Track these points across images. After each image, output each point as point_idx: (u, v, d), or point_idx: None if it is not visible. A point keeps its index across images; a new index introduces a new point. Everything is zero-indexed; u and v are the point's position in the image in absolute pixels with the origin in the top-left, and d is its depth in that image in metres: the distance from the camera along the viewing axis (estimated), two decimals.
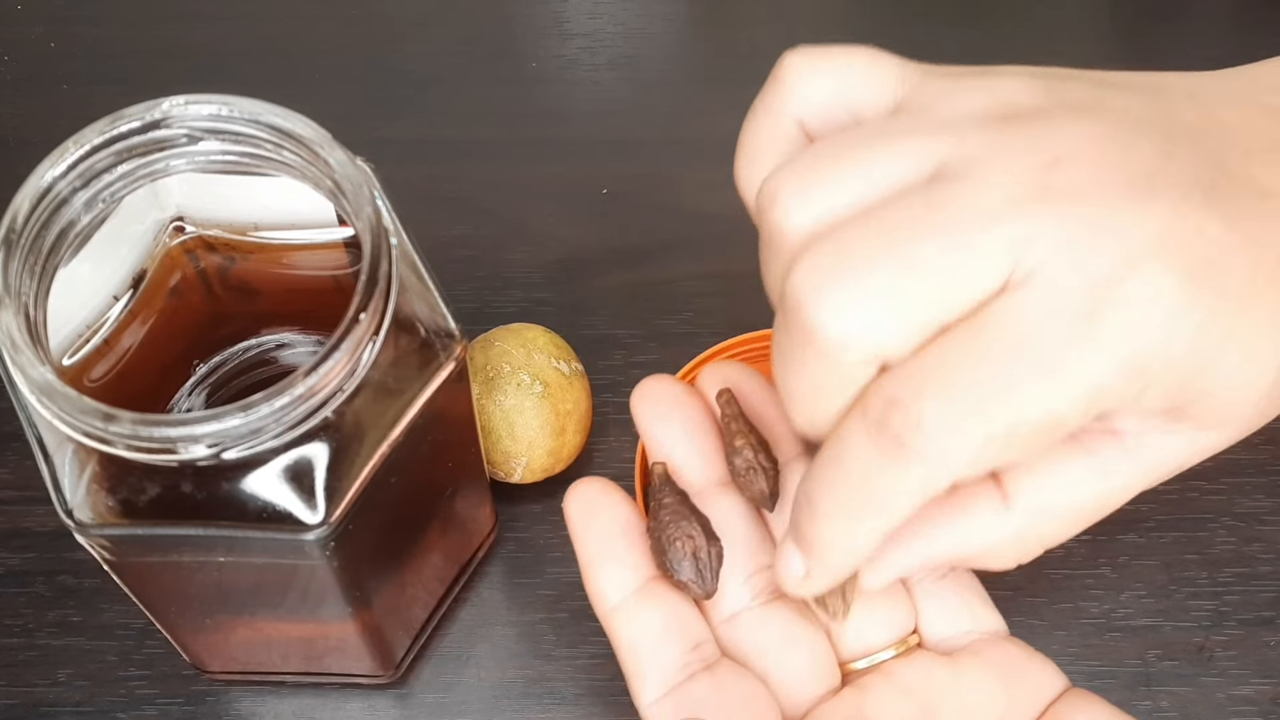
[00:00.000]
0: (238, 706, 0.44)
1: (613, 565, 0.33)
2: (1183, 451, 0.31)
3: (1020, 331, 0.27)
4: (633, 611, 0.32)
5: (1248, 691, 0.44)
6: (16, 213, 0.32)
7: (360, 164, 0.34)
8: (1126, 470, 0.31)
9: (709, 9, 0.62)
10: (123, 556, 0.35)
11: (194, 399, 0.41)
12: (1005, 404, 0.27)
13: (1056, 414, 0.27)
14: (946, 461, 0.28)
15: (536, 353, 0.45)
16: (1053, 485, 0.31)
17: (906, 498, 0.29)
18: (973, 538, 0.32)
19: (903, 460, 0.28)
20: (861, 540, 0.30)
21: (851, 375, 0.28)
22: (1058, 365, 0.27)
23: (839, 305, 0.27)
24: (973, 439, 0.27)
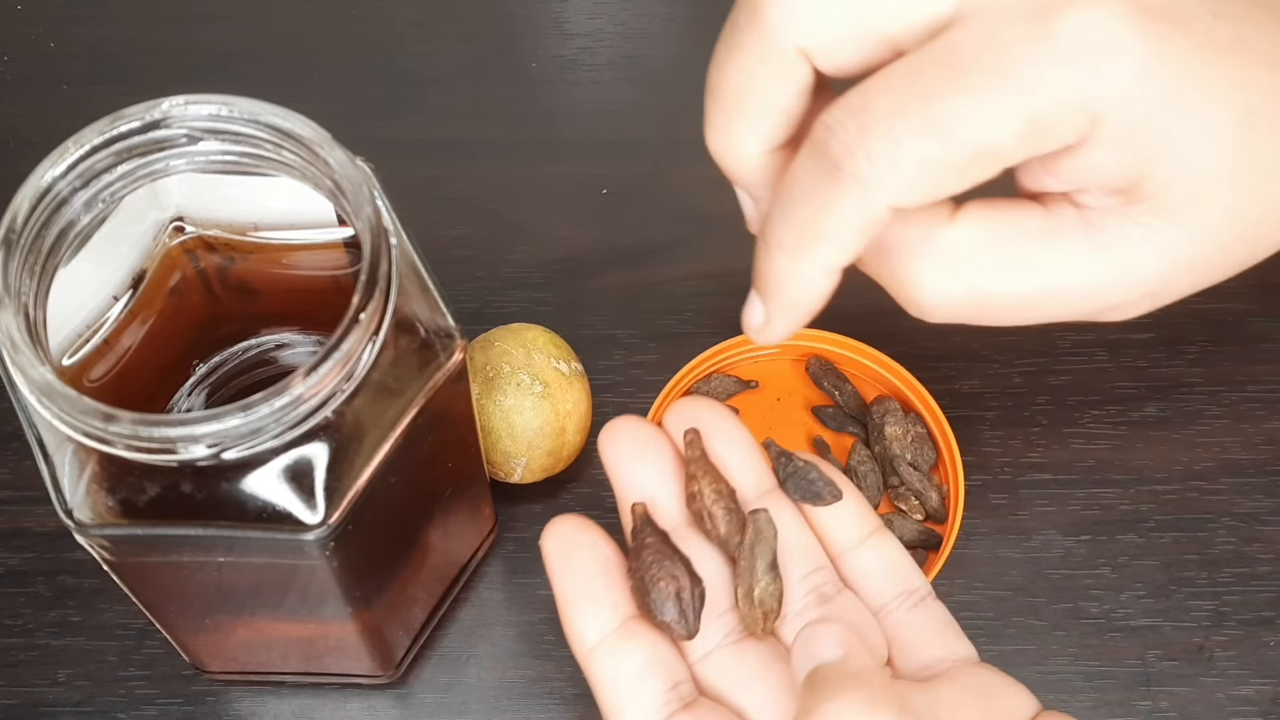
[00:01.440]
0: (237, 707, 0.44)
1: (591, 605, 0.32)
2: (1150, 248, 0.30)
3: (961, 56, 0.28)
4: (612, 651, 0.32)
5: (1247, 691, 0.44)
6: (16, 213, 0.31)
7: (360, 164, 0.34)
8: (1084, 248, 0.30)
9: (709, 9, 0.61)
10: (122, 556, 0.35)
11: (194, 399, 0.41)
12: (939, 125, 0.28)
13: (992, 138, 0.28)
14: (881, 184, 0.28)
15: (536, 353, 0.45)
16: (1002, 221, 0.31)
17: (847, 224, 0.29)
18: (907, 227, 0.31)
19: (840, 184, 0.28)
20: (810, 273, 0.30)
21: (781, 66, 0.29)
22: (994, 86, 0.28)
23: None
24: (907, 161, 0.28)
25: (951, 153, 0.28)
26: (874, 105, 0.28)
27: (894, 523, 0.45)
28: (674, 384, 0.46)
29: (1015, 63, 0.28)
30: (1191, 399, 0.49)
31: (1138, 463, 0.48)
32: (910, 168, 0.28)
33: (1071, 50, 0.28)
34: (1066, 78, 0.28)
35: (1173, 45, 0.28)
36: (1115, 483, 0.48)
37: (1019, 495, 0.47)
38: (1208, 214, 0.30)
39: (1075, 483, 0.48)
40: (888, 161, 0.28)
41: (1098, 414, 0.49)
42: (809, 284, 0.31)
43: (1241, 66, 0.29)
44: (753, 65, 0.30)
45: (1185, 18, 0.28)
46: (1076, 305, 0.31)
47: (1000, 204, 0.31)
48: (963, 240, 0.31)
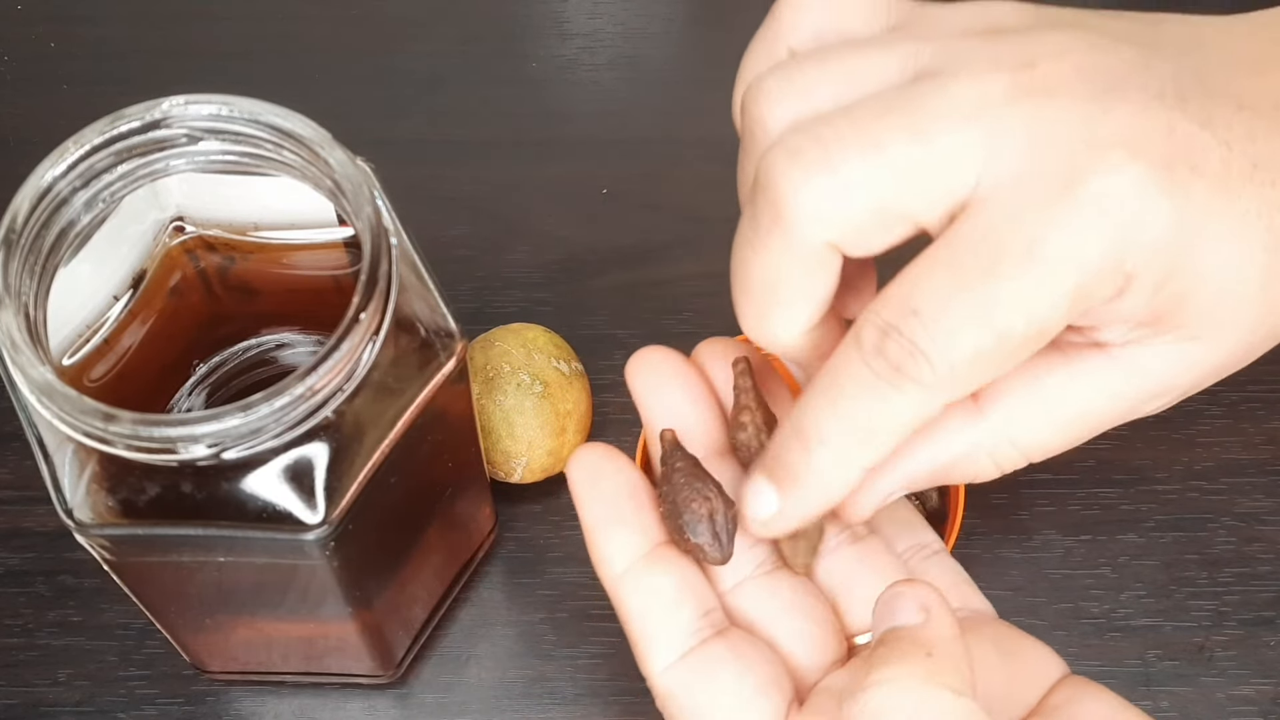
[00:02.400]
0: (238, 706, 0.44)
1: (619, 529, 0.32)
2: (1172, 363, 0.30)
3: (996, 242, 0.28)
4: (641, 577, 0.31)
5: (1248, 691, 0.44)
6: (17, 212, 0.31)
7: (360, 164, 0.34)
8: (1112, 380, 0.31)
9: (709, 9, 0.62)
10: (123, 556, 0.35)
11: (194, 399, 0.41)
12: (989, 318, 0.28)
13: (1041, 319, 0.28)
14: (942, 385, 0.28)
15: (536, 353, 0.44)
16: (1028, 393, 0.31)
17: (903, 425, 0.29)
18: (945, 448, 0.31)
19: (901, 388, 0.28)
20: (852, 473, 0.30)
21: (811, 261, 0.29)
22: (1035, 264, 0.27)
23: (806, 181, 0.28)
24: (966, 358, 0.28)
25: (1006, 342, 0.28)
26: (923, 309, 0.28)
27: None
28: None
29: (1049, 241, 0.28)
30: (1192, 398, 0.49)
31: (1138, 462, 0.48)
32: (969, 365, 0.28)
33: (1100, 220, 0.28)
34: (1100, 247, 0.28)
35: (1196, 192, 0.28)
36: (1115, 482, 0.48)
37: (1019, 495, 0.47)
38: (1234, 331, 0.30)
39: (1075, 482, 0.48)
40: (947, 362, 0.28)
41: None
42: (843, 482, 0.30)
43: (1260, 189, 0.29)
44: (782, 263, 0.29)
45: (1202, 159, 0.28)
46: (1117, 421, 0.32)
47: (1017, 374, 0.31)
48: (999, 429, 0.32)
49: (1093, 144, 0.28)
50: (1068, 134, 0.28)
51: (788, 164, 0.28)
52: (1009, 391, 0.31)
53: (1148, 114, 0.28)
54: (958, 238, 0.28)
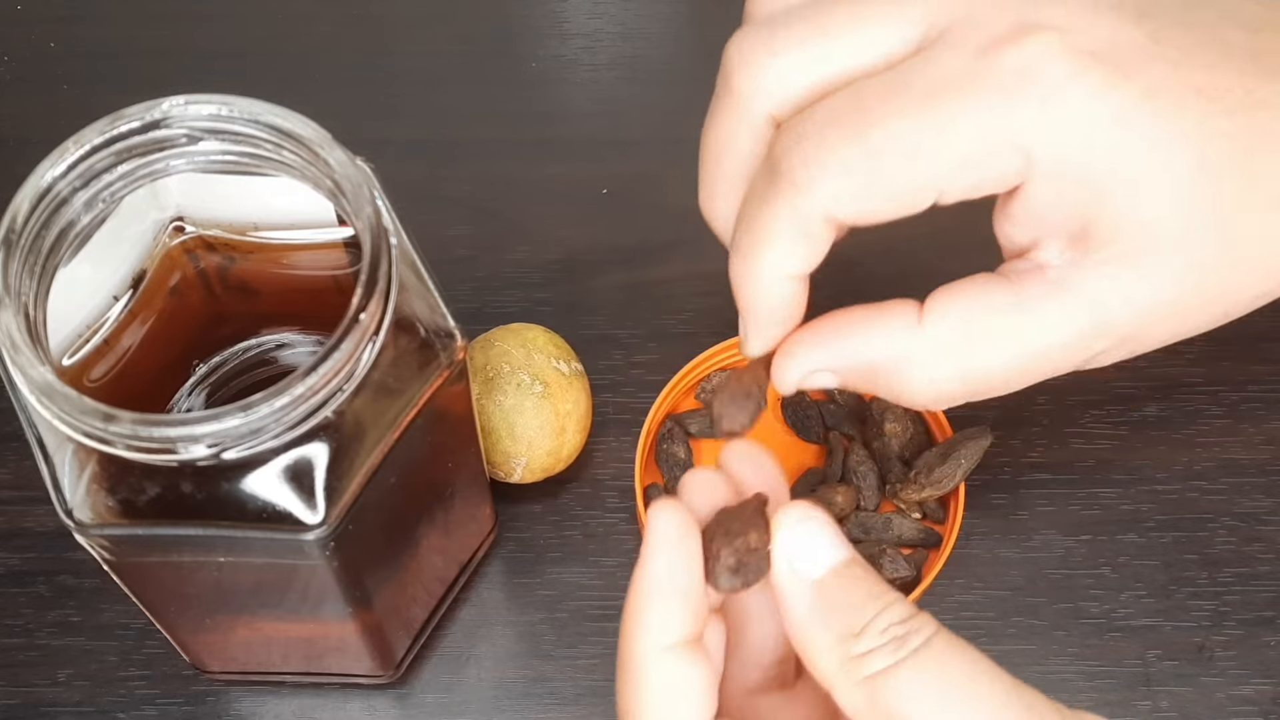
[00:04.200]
0: (238, 707, 0.44)
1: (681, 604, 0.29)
2: (1109, 293, 0.30)
3: (905, 80, 0.29)
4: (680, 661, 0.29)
5: (1247, 691, 0.44)
6: (16, 213, 0.31)
7: (360, 164, 0.34)
8: (1052, 309, 0.31)
9: (709, 9, 0.62)
10: (122, 556, 0.35)
11: (194, 399, 0.41)
12: (867, 137, 0.29)
13: (920, 161, 0.29)
14: (811, 187, 0.30)
15: (536, 353, 0.45)
16: (969, 307, 0.31)
17: (786, 226, 0.30)
18: (879, 344, 0.32)
19: (778, 187, 0.30)
20: (765, 278, 0.31)
21: (755, 130, 0.32)
22: (926, 110, 0.29)
23: (750, 50, 0.31)
24: (835, 167, 0.29)
25: (879, 167, 0.29)
26: (816, 115, 0.30)
27: (894, 521, 0.45)
28: (675, 383, 0.46)
29: (950, 90, 0.29)
30: (1192, 399, 0.49)
31: (1138, 462, 0.48)
32: (837, 174, 0.29)
33: (1007, 85, 0.29)
34: (1000, 113, 0.29)
35: (1117, 90, 0.29)
36: (1115, 482, 0.48)
37: (1019, 495, 0.47)
38: (1169, 261, 0.30)
39: (1075, 482, 0.48)
40: (818, 165, 0.29)
41: (1098, 414, 0.49)
42: (766, 290, 0.31)
43: (1200, 116, 0.29)
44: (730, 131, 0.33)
45: (1138, 65, 0.29)
46: (1061, 362, 0.32)
47: (961, 288, 0.32)
48: (938, 338, 0.31)
49: (1025, 22, 0.29)
50: (1004, 12, 0.29)
51: (736, 41, 0.32)
52: (951, 306, 0.31)
53: (1094, 14, 0.29)
54: (879, 76, 0.30)
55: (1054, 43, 0.28)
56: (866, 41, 0.30)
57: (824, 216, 0.30)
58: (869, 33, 0.30)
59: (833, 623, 0.28)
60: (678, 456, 0.46)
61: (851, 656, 0.27)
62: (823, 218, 0.30)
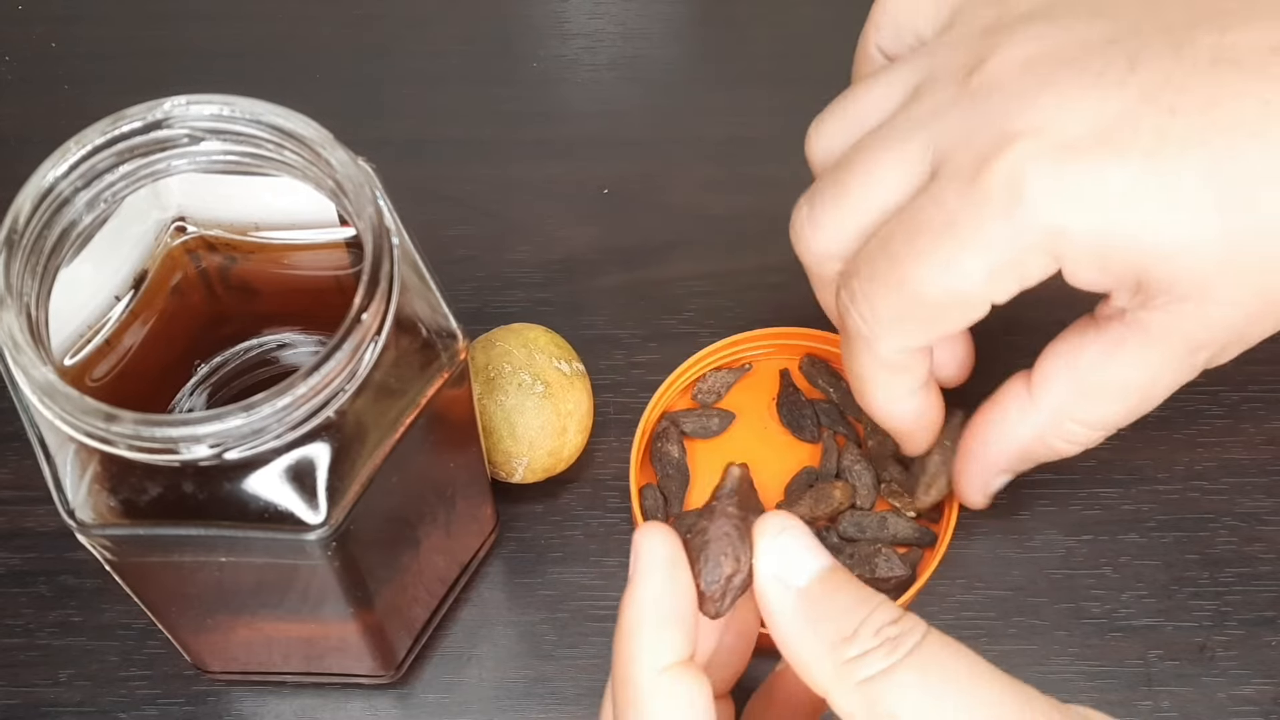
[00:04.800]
0: (239, 707, 0.44)
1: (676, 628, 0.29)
2: (1181, 323, 0.32)
3: (918, 220, 0.32)
4: (683, 680, 0.29)
5: (1249, 691, 0.44)
6: (18, 213, 0.31)
7: (362, 164, 0.34)
8: (1138, 347, 0.33)
9: (709, 9, 0.62)
10: (124, 557, 0.35)
11: (195, 399, 0.41)
12: (903, 286, 0.33)
13: (955, 290, 0.32)
14: (875, 338, 0.34)
15: (538, 353, 0.44)
16: (1064, 369, 0.35)
17: (877, 370, 0.36)
18: (1012, 439, 0.36)
19: (852, 343, 0.36)
20: (875, 403, 0.37)
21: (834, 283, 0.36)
22: (946, 240, 0.32)
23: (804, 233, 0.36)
24: (885, 319, 0.34)
25: (924, 306, 0.33)
26: (858, 275, 0.34)
27: (889, 520, 0.45)
28: (670, 383, 0.46)
29: (957, 221, 0.31)
30: (1192, 398, 0.49)
31: (1139, 462, 0.48)
32: (893, 323, 0.34)
33: (1003, 206, 0.31)
34: (1007, 231, 0.31)
35: (1113, 166, 0.30)
36: (1116, 482, 0.48)
37: (1020, 495, 0.47)
38: (1225, 291, 0.31)
39: (1076, 482, 0.48)
40: (874, 322, 0.34)
41: None
42: (901, 413, 0.38)
43: (1217, 149, 0.29)
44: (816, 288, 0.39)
45: (1125, 135, 0.30)
46: (1172, 387, 0.35)
47: (1057, 351, 0.35)
48: (1054, 408, 0.35)
49: (1005, 134, 0.31)
50: (990, 123, 0.31)
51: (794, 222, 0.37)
52: (1053, 376, 0.35)
53: (1076, 99, 0.31)
54: (896, 219, 0.33)
55: (1033, 149, 0.30)
56: (886, 189, 0.34)
57: (900, 352, 0.35)
58: (885, 180, 0.34)
59: (823, 629, 0.28)
60: (671, 456, 0.46)
61: (846, 661, 0.27)
62: (899, 353, 0.35)
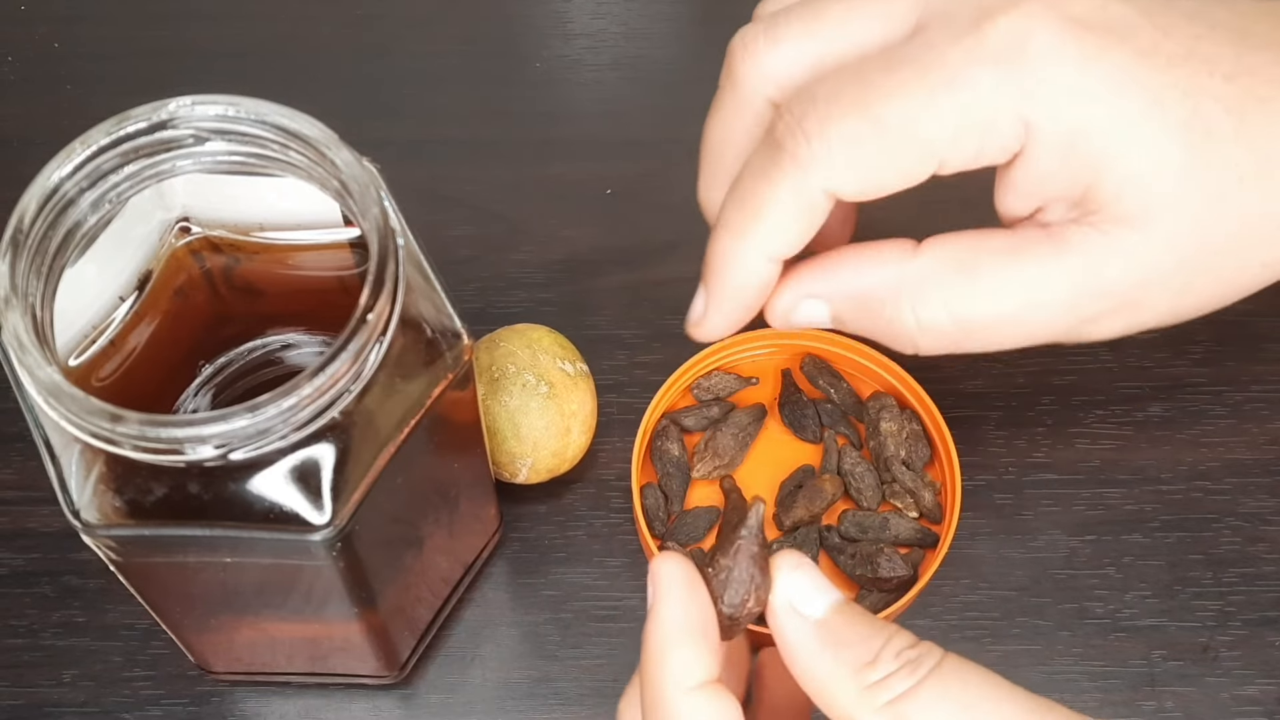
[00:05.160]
0: (242, 707, 0.44)
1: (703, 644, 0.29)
2: (1115, 254, 0.31)
3: (902, 55, 0.30)
4: (716, 698, 0.29)
5: (1252, 692, 0.44)
6: (24, 213, 0.32)
7: (366, 164, 0.34)
8: (1049, 261, 0.31)
9: (711, 9, 0.62)
10: (129, 557, 0.35)
11: (200, 399, 0.41)
12: (871, 109, 0.30)
13: (924, 130, 0.30)
14: (816, 163, 0.30)
15: (541, 353, 0.45)
16: (966, 244, 0.32)
17: (785, 203, 0.31)
18: (876, 272, 0.33)
19: (780, 163, 0.31)
20: (751, 257, 0.32)
21: (755, 116, 0.33)
22: (926, 80, 0.30)
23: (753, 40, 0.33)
24: (840, 141, 0.30)
25: (883, 137, 0.30)
26: (816, 93, 0.31)
27: (890, 521, 0.45)
28: (671, 382, 0.46)
29: (947, 62, 0.30)
30: (1196, 399, 0.49)
31: (1142, 463, 0.48)
32: (843, 147, 0.30)
33: (1000, 56, 0.29)
34: (995, 82, 0.29)
35: (1110, 54, 0.29)
36: (1120, 483, 0.48)
37: (1023, 495, 0.47)
38: (1168, 220, 0.31)
39: (1080, 483, 0.48)
40: (822, 140, 0.30)
41: (1102, 414, 0.49)
42: (749, 270, 0.32)
43: (1193, 75, 0.30)
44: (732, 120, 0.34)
45: (1127, 31, 0.30)
46: (1054, 319, 0.32)
47: (962, 233, 0.32)
48: (931, 268, 0.32)
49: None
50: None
51: (744, 31, 0.33)
52: (947, 240, 0.32)
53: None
54: (877, 54, 0.31)
55: (1043, 12, 0.29)
56: (862, 29, 0.32)
57: (826, 190, 0.31)
58: (864, 20, 0.32)
59: (844, 655, 0.28)
60: (671, 454, 0.46)
61: (869, 685, 0.27)
62: (825, 191, 0.31)
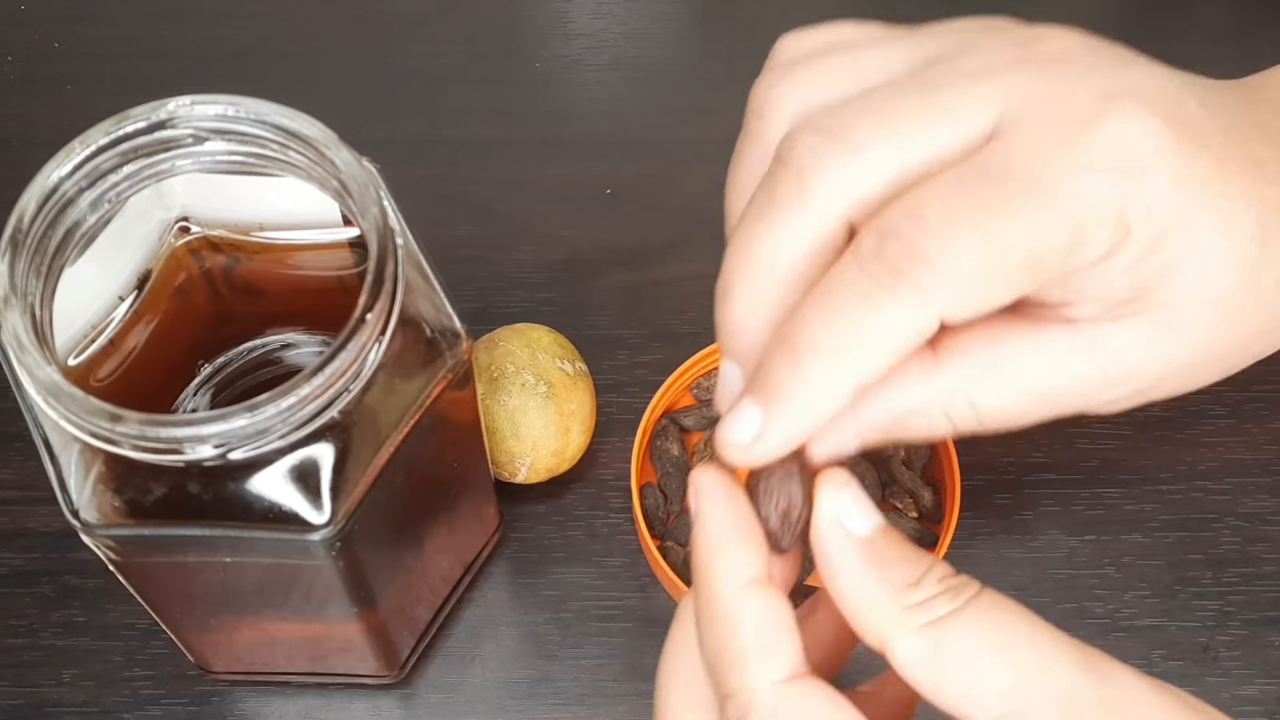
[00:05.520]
0: (242, 707, 0.44)
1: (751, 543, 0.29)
2: (1138, 347, 0.30)
3: (1007, 166, 0.28)
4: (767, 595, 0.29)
5: (1252, 691, 0.44)
6: (23, 213, 0.32)
7: (366, 164, 0.34)
8: (1075, 355, 0.30)
9: (712, 9, 0.62)
10: (128, 557, 0.35)
11: (199, 399, 0.41)
12: (992, 233, 0.28)
13: (1041, 247, 0.28)
14: (940, 292, 0.28)
15: (541, 353, 0.45)
16: (982, 345, 0.31)
17: (899, 332, 0.28)
18: (903, 396, 0.31)
19: (896, 291, 0.28)
20: (842, 385, 0.29)
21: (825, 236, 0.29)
22: (1043, 192, 0.28)
23: (828, 150, 0.29)
24: (965, 269, 0.28)
25: (1005, 261, 0.28)
26: (928, 215, 0.28)
27: (890, 521, 0.45)
28: (671, 382, 0.46)
29: (1059, 172, 0.28)
30: (1196, 399, 0.49)
31: (1142, 462, 0.48)
32: (967, 276, 0.28)
33: (1109, 161, 0.28)
34: (1107, 188, 0.28)
35: (1198, 161, 0.29)
36: (1120, 482, 0.48)
37: (1023, 495, 0.47)
38: (1208, 327, 0.30)
39: (1080, 482, 0.48)
40: (948, 269, 0.28)
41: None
42: (832, 396, 0.29)
43: (1254, 183, 0.30)
44: (795, 236, 0.30)
45: (1205, 134, 0.29)
46: (1072, 405, 0.31)
47: (980, 331, 0.31)
48: (957, 381, 0.31)
49: (1107, 94, 0.28)
50: (1083, 85, 0.29)
51: (811, 137, 0.29)
52: (970, 348, 0.31)
53: (1158, 81, 0.29)
54: (969, 164, 0.28)
55: (1146, 114, 0.28)
56: (946, 133, 0.29)
57: (943, 318, 0.28)
58: (948, 123, 0.29)
59: (888, 575, 0.28)
60: (671, 453, 0.46)
61: (910, 606, 0.27)
62: (939, 320, 0.28)
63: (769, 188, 0.30)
